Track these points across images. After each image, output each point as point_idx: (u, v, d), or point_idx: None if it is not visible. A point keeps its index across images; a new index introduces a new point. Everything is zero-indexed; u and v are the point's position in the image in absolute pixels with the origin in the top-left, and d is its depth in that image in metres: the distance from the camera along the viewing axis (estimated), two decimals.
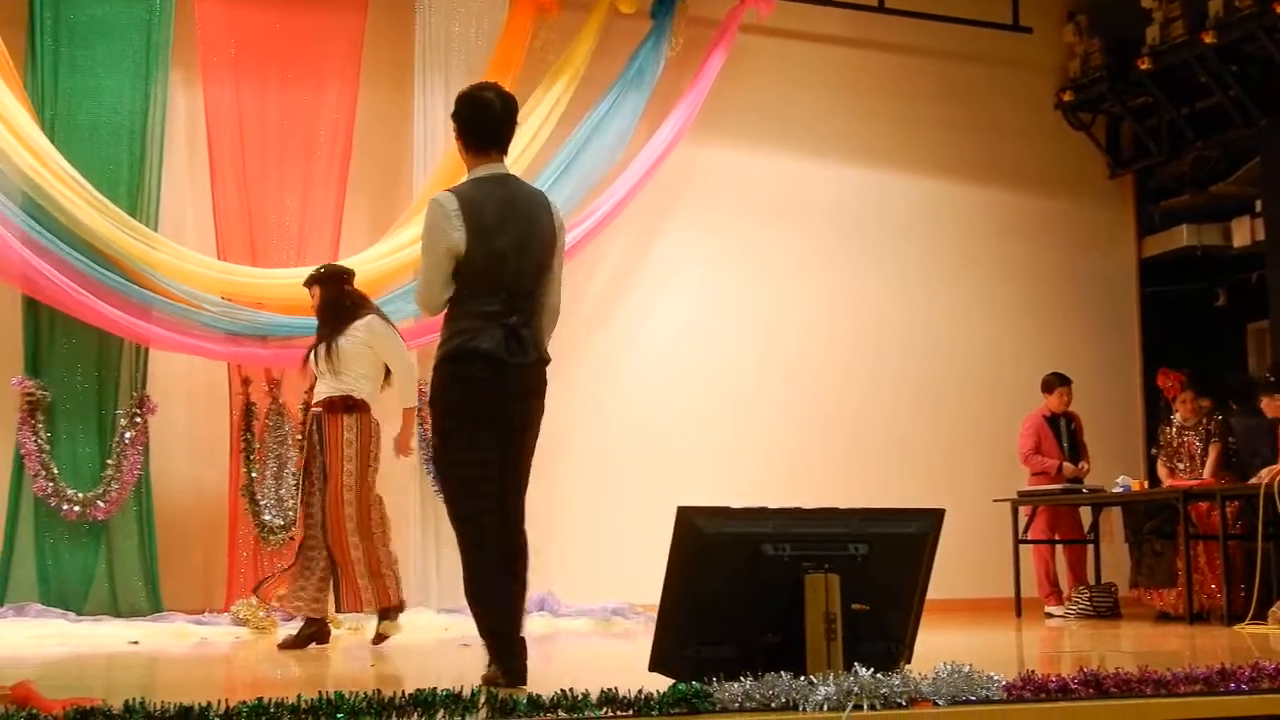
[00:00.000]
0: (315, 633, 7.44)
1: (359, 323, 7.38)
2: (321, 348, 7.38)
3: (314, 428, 7.37)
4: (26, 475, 8.64)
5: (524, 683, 4.77)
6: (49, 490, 8.61)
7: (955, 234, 11.63)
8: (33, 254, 8.53)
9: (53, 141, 8.74)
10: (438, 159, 9.66)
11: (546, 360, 5.03)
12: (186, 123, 9.39)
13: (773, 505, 4.28)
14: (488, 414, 4.88)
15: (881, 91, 11.47)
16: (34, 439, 8.62)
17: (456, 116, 5.19)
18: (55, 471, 8.67)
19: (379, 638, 7.43)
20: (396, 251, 9.39)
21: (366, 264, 9.27)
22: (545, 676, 5.23)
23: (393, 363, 7.42)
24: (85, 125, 8.94)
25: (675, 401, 10.43)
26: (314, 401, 7.46)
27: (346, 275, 7.75)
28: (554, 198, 9.59)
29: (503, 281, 4.90)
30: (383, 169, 9.85)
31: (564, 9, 10.02)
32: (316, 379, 7.45)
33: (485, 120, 5.17)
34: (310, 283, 7.68)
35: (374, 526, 7.33)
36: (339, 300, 7.53)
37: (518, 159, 9.68)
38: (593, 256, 10.27)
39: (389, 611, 7.40)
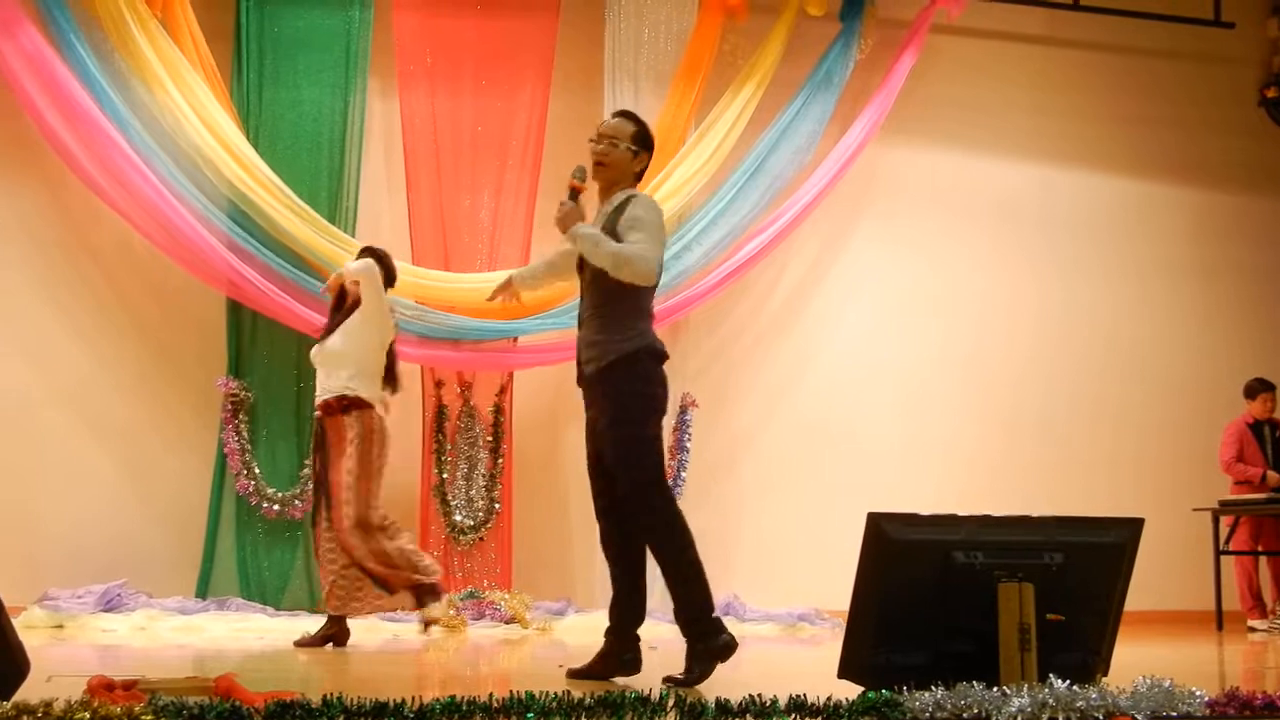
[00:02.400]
0: (335, 633, 7.30)
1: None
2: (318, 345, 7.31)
3: (318, 429, 7.27)
4: (229, 474, 8.91)
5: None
6: (250, 489, 8.86)
7: (1152, 234, 11.32)
8: (237, 259, 8.79)
9: (257, 150, 9.00)
10: None
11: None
12: (383, 131, 9.59)
13: (958, 511, 4.21)
14: (663, 408, 5.30)
15: (1075, 90, 11.22)
16: (236, 438, 8.88)
17: (647, 146, 5.64)
18: (256, 470, 8.92)
19: (423, 625, 7.33)
20: None
21: None
22: (732, 681, 5.22)
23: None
24: (287, 134, 9.19)
25: (862, 405, 10.33)
26: (316, 403, 7.29)
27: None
28: (742, 201, 9.74)
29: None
30: None
31: (752, 13, 10.00)
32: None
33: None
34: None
35: (376, 524, 7.13)
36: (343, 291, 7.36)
37: (707, 162, 9.70)
38: (780, 259, 10.23)
39: (422, 598, 7.21)
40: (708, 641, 5.15)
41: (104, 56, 8.77)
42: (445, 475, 9.22)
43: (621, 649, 5.39)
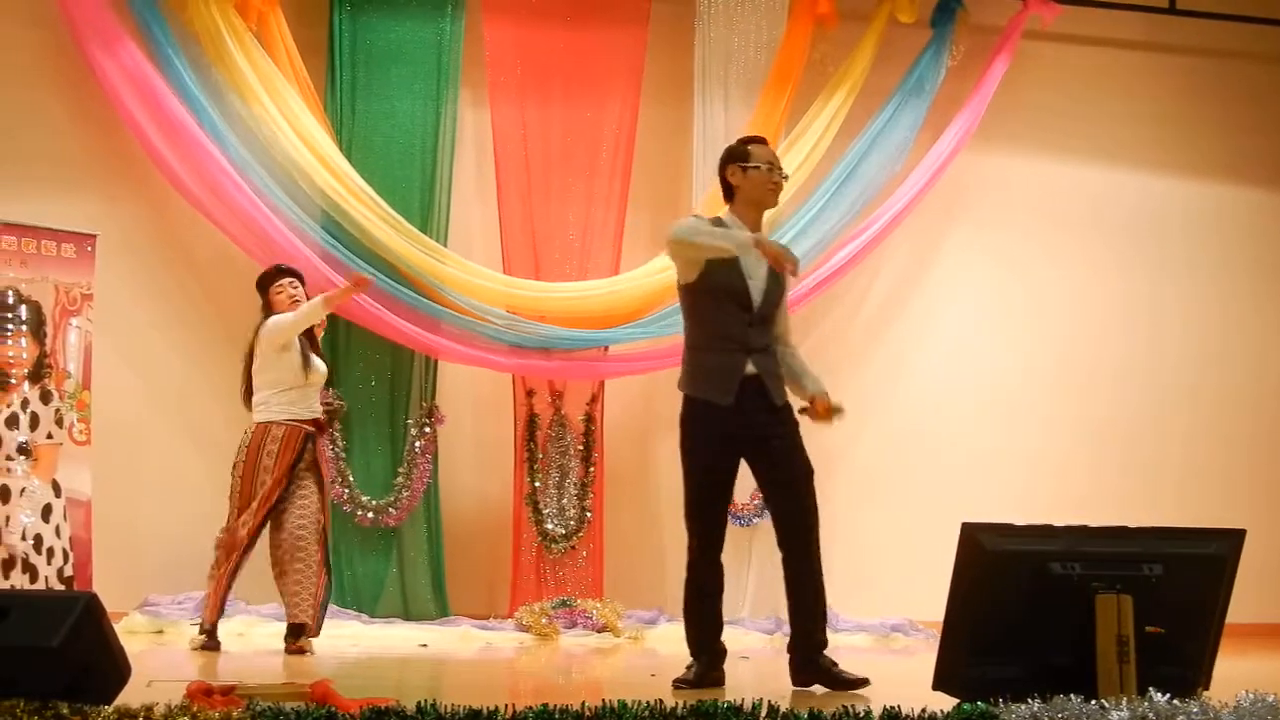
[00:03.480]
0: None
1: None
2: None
3: (303, 447, 7.43)
4: (324, 482, 8.99)
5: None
6: (345, 497, 8.95)
7: (1250, 240, 11.11)
8: (331, 270, 8.88)
9: (350, 161, 9.09)
10: (716, 172, 9.68)
11: None
12: (474, 141, 9.65)
13: (1054, 522, 4.17)
14: None
15: (1171, 95, 11.05)
16: (332, 447, 8.96)
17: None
18: (351, 479, 9.01)
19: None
20: None
21: (648, 277, 9.38)
22: (825, 693, 5.21)
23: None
24: (380, 146, 9.28)
25: (954, 414, 10.25)
26: (303, 420, 7.47)
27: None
28: (832, 210, 9.71)
29: None
30: (663, 182, 9.94)
31: (843, 20, 9.94)
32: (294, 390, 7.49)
33: None
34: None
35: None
36: None
37: (796, 171, 9.67)
38: (871, 267, 10.18)
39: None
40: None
41: (201, 71, 8.90)
42: (537, 484, 9.26)
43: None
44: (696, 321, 5.78)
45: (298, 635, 7.26)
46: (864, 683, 5.27)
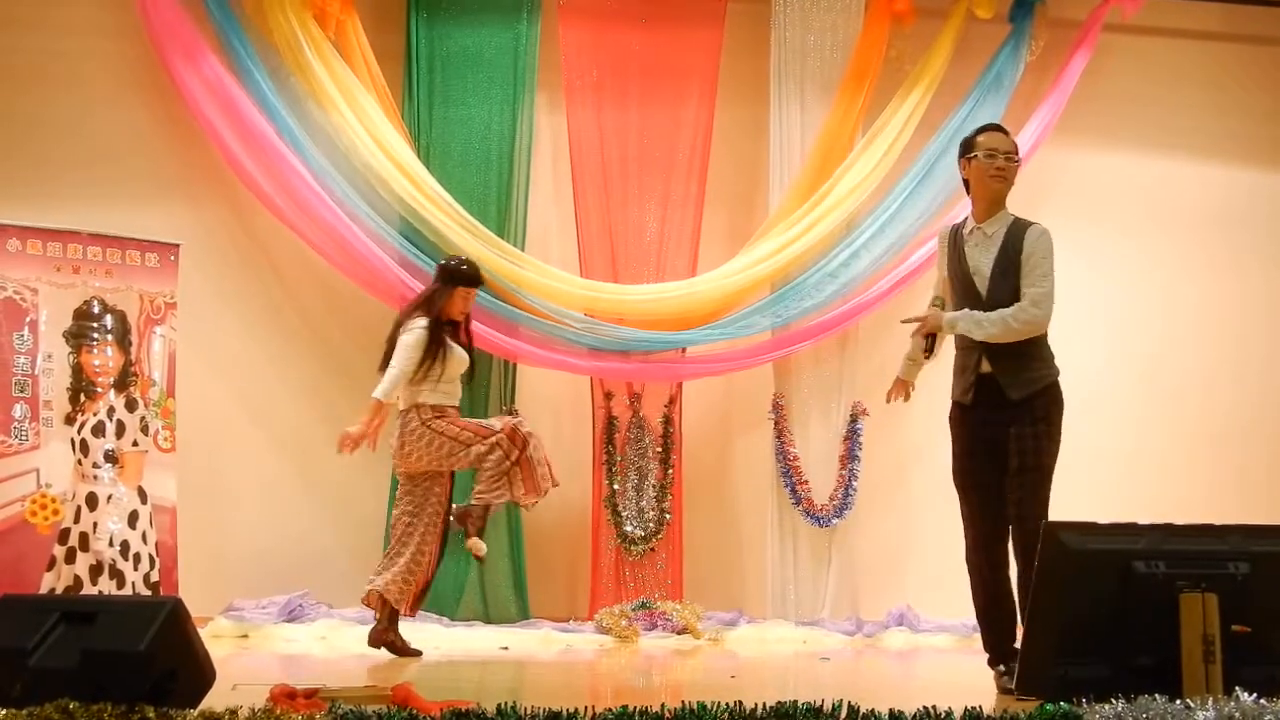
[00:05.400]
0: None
1: None
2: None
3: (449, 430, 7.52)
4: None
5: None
6: None
7: None
8: (409, 276, 8.94)
9: (428, 167, 9.15)
10: (794, 171, 9.68)
11: None
12: (551, 145, 9.68)
13: (1140, 521, 4.12)
14: None
15: (1255, 87, 10.86)
16: None
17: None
18: None
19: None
20: (754, 265, 9.44)
21: (726, 278, 9.37)
22: (906, 693, 5.18)
23: None
24: (457, 151, 9.32)
25: None
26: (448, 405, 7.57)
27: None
28: (911, 207, 9.64)
29: None
30: (739, 182, 9.93)
31: (920, 17, 9.88)
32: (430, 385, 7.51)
33: None
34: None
35: None
36: None
37: (875, 168, 9.62)
38: None
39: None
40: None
41: (280, 80, 9.00)
42: (616, 486, 9.27)
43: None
44: None
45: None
46: None
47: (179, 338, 8.55)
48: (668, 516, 9.29)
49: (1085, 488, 9.75)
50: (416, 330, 7.36)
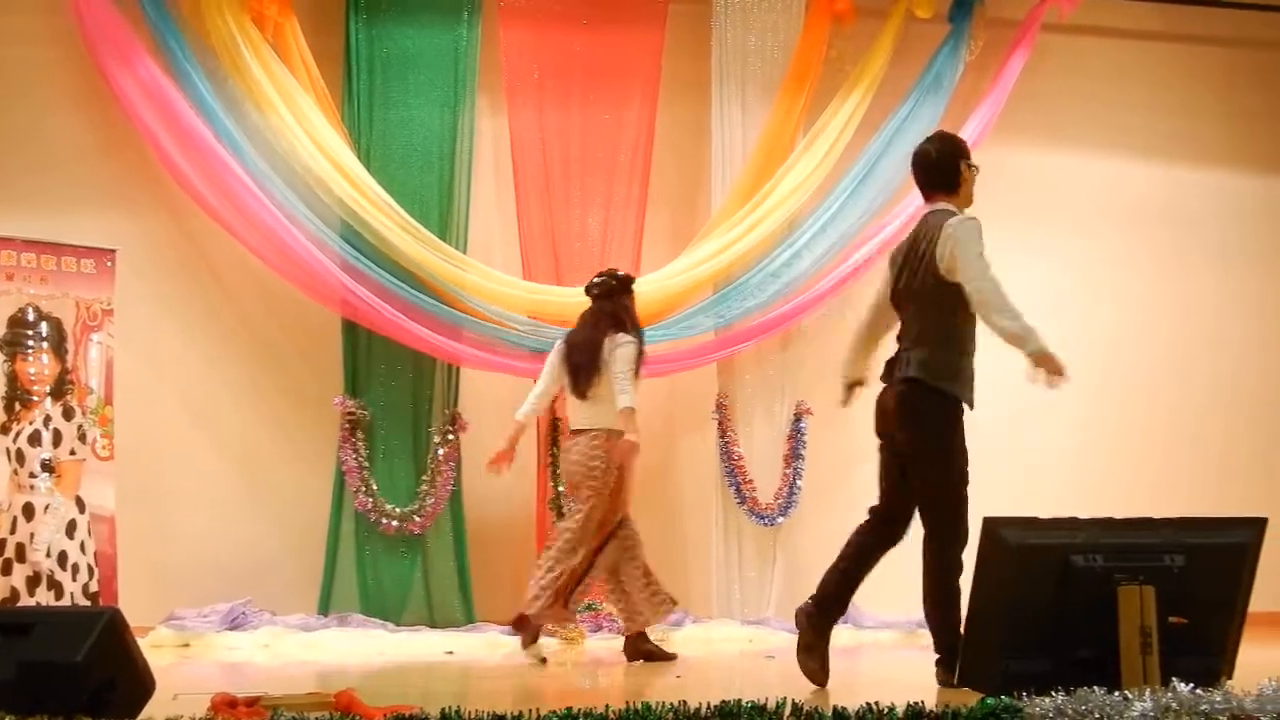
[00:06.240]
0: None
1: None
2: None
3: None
4: (348, 491, 9.01)
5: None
6: (369, 505, 8.95)
7: (1277, 231, 11.06)
8: (351, 279, 8.90)
9: (368, 170, 9.10)
10: (736, 172, 9.70)
11: (915, 380, 5.64)
12: (492, 147, 9.65)
13: (1082, 516, 4.15)
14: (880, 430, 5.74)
15: (1192, 85, 10.98)
16: (354, 456, 8.98)
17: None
18: (374, 487, 9.01)
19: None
20: (697, 266, 9.45)
21: (668, 279, 9.37)
22: (851, 689, 5.19)
23: None
24: (398, 154, 9.28)
25: (977, 409, 10.17)
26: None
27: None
28: (852, 207, 9.67)
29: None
30: (682, 183, 9.93)
31: (860, 17, 9.92)
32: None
33: (921, 167, 6.11)
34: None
35: None
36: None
37: (816, 169, 9.65)
38: None
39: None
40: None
41: (217, 83, 8.91)
42: (561, 489, 9.24)
43: None
44: (966, 320, 5.83)
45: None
46: None
47: (117, 344, 8.46)
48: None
49: (1032, 485, 9.86)
50: (633, 345, 7.52)
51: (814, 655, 5.51)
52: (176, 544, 8.87)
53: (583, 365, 7.60)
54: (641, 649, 7.53)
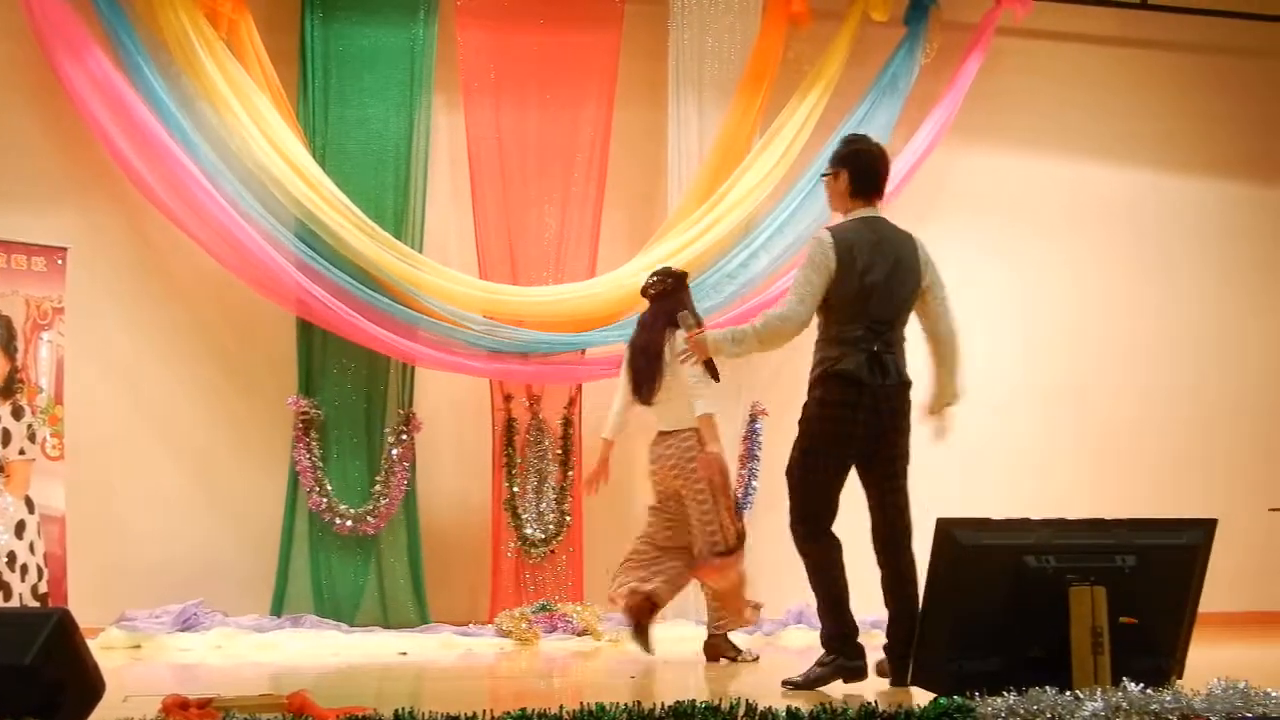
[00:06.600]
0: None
1: None
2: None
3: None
4: (301, 491, 8.96)
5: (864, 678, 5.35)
6: (323, 505, 8.91)
7: (1225, 233, 11.15)
8: (305, 278, 8.85)
9: (323, 169, 9.05)
10: (692, 172, 9.70)
11: (907, 383, 5.70)
12: (448, 146, 9.62)
13: (1035, 517, 4.17)
14: (846, 431, 5.57)
15: (1146, 90, 11.08)
16: (308, 456, 8.94)
17: (844, 163, 5.87)
18: (328, 487, 8.96)
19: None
20: (653, 266, 9.43)
21: (625, 279, 9.36)
22: (805, 690, 5.20)
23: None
24: (354, 152, 9.23)
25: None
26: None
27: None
28: (808, 208, 9.68)
29: (868, 313, 5.57)
30: (638, 183, 9.92)
31: (816, 19, 9.95)
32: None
33: (875, 170, 5.93)
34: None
35: None
36: None
37: (773, 170, 9.67)
38: None
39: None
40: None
41: (171, 79, 8.85)
42: (515, 489, 9.24)
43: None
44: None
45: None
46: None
47: (67, 343, 8.39)
48: (568, 519, 9.28)
49: (990, 485, 9.92)
50: None
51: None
52: (128, 544, 8.80)
53: (644, 370, 7.36)
54: (721, 649, 7.47)
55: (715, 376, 7.12)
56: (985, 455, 10.18)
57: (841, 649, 5.52)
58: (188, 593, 8.64)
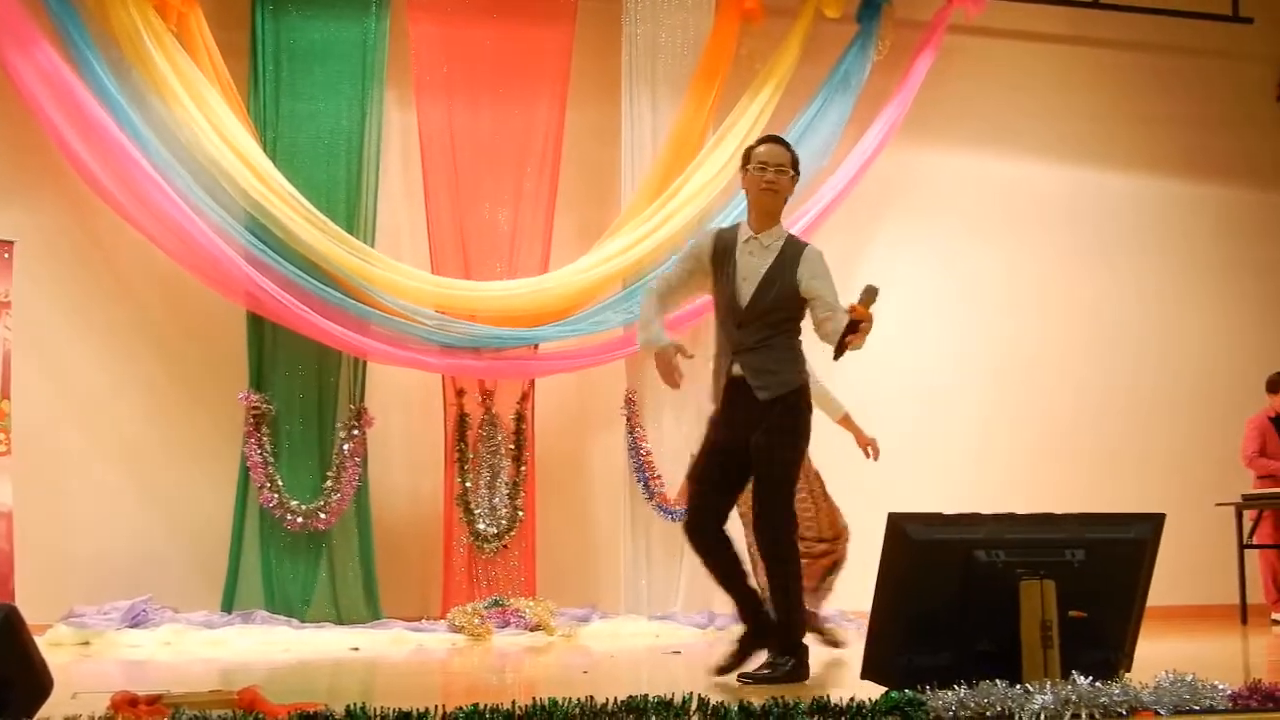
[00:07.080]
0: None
1: None
2: None
3: None
4: (252, 487, 8.92)
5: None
6: (274, 501, 8.87)
7: (1173, 231, 11.29)
8: (256, 272, 8.81)
9: (274, 163, 9.00)
10: (645, 169, 9.71)
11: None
12: (401, 141, 9.60)
13: (985, 512, 4.19)
14: None
15: (1095, 88, 11.18)
16: (259, 452, 8.89)
17: (797, 167, 5.85)
18: (279, 483, 8.92)
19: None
20: (606, 262, 9.45)
21: (578, 275, 9.37)
22: (756, 685, 5.21)
23: None
24: (305, 146, 9.19)
25: (884, 407, 10.23)
26: None
27: None
28: None
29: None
30: (591, 179, 9.93)
31: (769, 16, 9.98)
32: None
33: None
34: None
35: None
36: None
37: (725, 166, 9.69)
38: None
39: None
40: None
41: (120, 73, 8.79)
42: (468, 484, 9.22)
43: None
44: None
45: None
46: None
47: (13, 338, 8.32)
48: (520, 514, 9.27)
49: (934, 480, 9.98)
50: None
51: None
52: (76, 540, 8.74)
53: None
54: (812, 626, 7.38)
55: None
56: (933, 452, 10.26)
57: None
58: (136, 589, 8.59)
